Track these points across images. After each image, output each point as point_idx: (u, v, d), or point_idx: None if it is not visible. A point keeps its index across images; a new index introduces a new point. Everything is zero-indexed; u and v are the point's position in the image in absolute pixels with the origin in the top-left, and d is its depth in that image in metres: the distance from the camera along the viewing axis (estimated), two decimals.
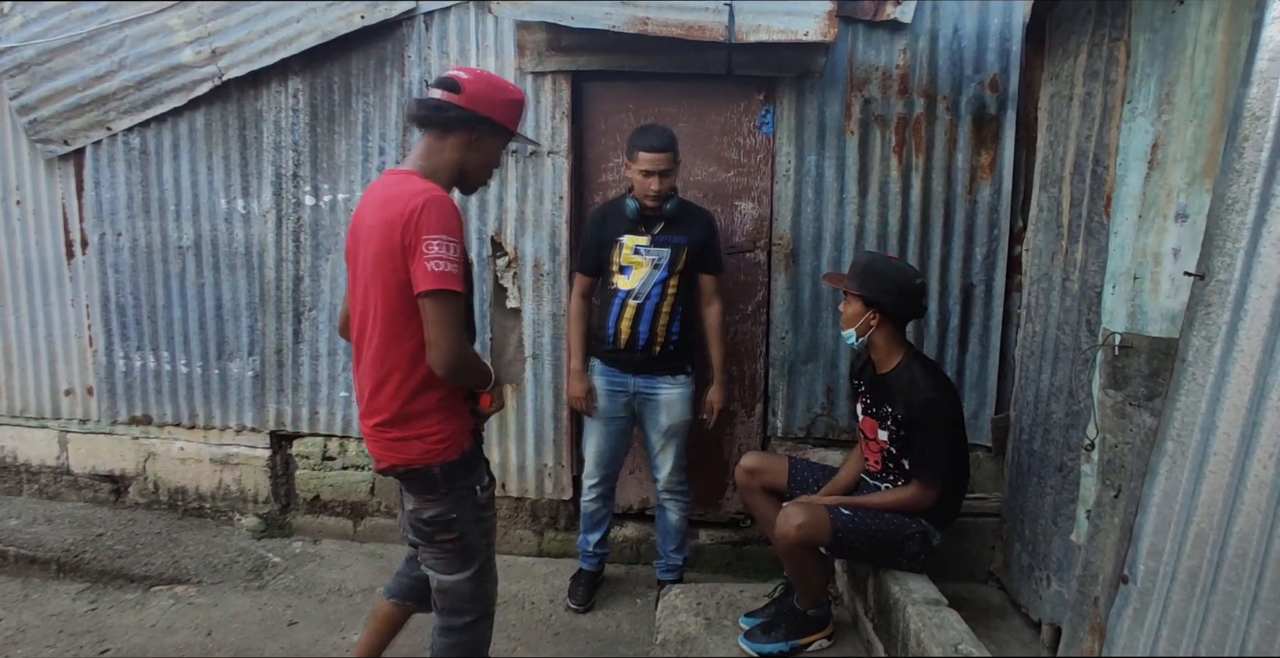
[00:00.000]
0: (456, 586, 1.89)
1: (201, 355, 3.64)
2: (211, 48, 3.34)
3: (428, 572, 1.93)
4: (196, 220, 3.56)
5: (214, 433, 3.70)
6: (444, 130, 1.77)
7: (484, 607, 1.96)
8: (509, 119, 1.84)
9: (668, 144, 2.73)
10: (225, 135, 3.49)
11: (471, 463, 1.86)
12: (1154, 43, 1.89)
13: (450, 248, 1.65)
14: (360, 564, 3.44)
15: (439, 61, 3.31)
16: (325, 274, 3.50)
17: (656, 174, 2.72)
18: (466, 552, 1.87)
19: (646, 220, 2.83)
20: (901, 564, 2.34)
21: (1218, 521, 1.49)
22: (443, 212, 1.66)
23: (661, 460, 2.96)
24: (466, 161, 1.81)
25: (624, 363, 2.88)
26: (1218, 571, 1.48)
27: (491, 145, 1.84)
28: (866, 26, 3.07)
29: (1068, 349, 2.30)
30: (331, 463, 3.64)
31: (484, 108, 1.77)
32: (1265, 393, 1.42)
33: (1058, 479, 2.31)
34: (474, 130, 1.78)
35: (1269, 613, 1.37)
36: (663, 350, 2.85)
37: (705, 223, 2.91)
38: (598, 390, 2.94)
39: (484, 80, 1.81)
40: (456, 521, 1.83)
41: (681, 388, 2.91)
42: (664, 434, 2.92)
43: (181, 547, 3.49)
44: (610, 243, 2.85)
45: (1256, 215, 1.46)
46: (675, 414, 2.90)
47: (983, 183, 3.08)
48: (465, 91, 1.75)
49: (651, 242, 2.82)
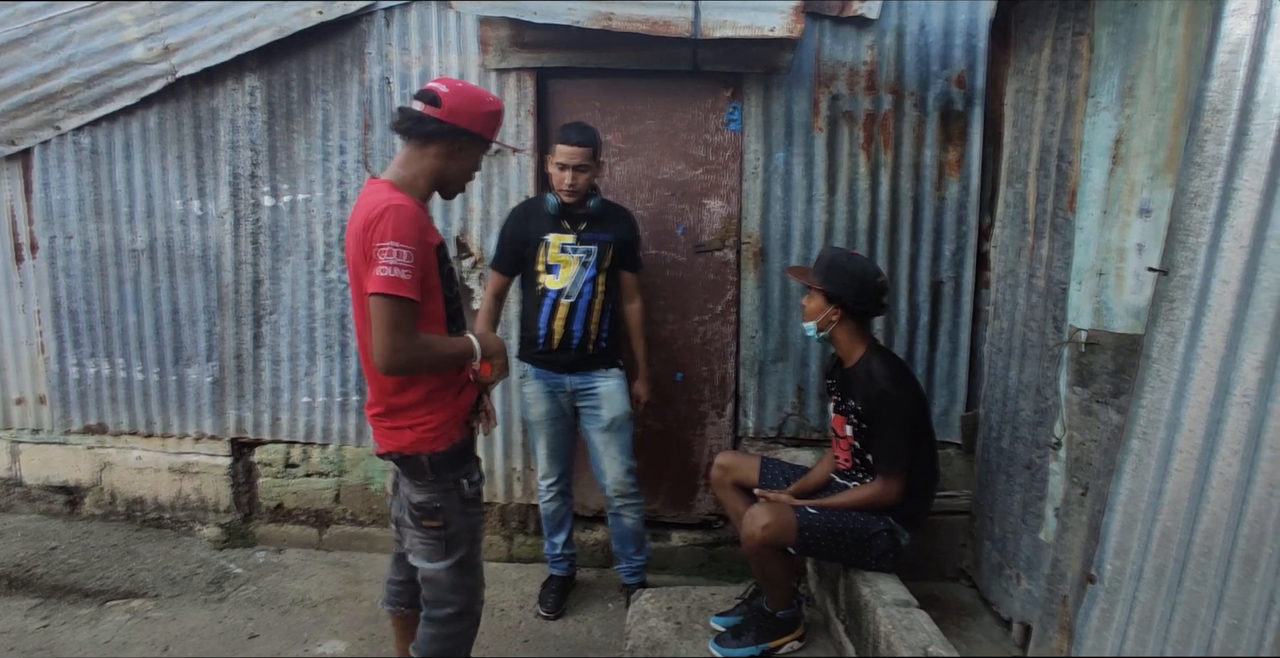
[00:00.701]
0: (438, 575, 1.97)
1: (158, 361, 3.53)
2: (164, 44, 3.24)
3: (414, 562, 2.00)
4: (150, 222, 3.45)
5: (172, 441, 3.59)
6: (424, 141, 1.86)
7: (466, 600, 2.01)
8: (488, 129, 1.91)
9: (585, 140, 2.68)
10: (180, 134, 3.39)
11: (460, 457, 1.95)
12: (1116, 36, 1.87)
13: (400, 255, 1.72)
14: (325, 574, 3.35)
15: (400, 58, 3.24)
16: (286, 277, 3.41)
17: (570, 168, 2.69)
18: (450, 541, 1.95)
19: (571, 218, 2.79)
20: (870, 564, 2.32)
21: (1183, 519, 1.47)
22: (399, 220, 1.73)
23: (608, 464, 2.89)
24: (446, 170, 1.90)
25: (558, 363, 2.84)
26: (1184, 569, 1.46)
27: (471, 155, 1.92)
28: (833, 22, 3.05)
29: (1035, 346, 2.29)
30: (295, 470, 3.55)
31: (463, 121, 1.84)
32: (1229, 389, 1.41)
33: (1026, 477, 2.29)
34: (454, 142, 1.86)
35: (1234, 612, 1.35)
36: (595, 347, 2.83)
37: (628, 221, 2.90)
38: (535, 395, 2.89)
39: (463, 93, 1.87)
40: (441, 509, 1.92)
41: (616, 379, 2.88)
42: (607, 430, 2.86)
43: (139, 559, 3.39)
44: (535, 242, 2.80)
45: (1218, 210, 1.45)
46: (616, 406, 2.86)
47: (950, 179, 3.07)
48: (445, 105, 1.83)
49: (578, 239, 2.78)
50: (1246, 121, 1.41)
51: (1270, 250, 1.35)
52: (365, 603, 3.10)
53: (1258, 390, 1.35)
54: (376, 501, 3.52)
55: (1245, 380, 1.37)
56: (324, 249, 3.38)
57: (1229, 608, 1.36)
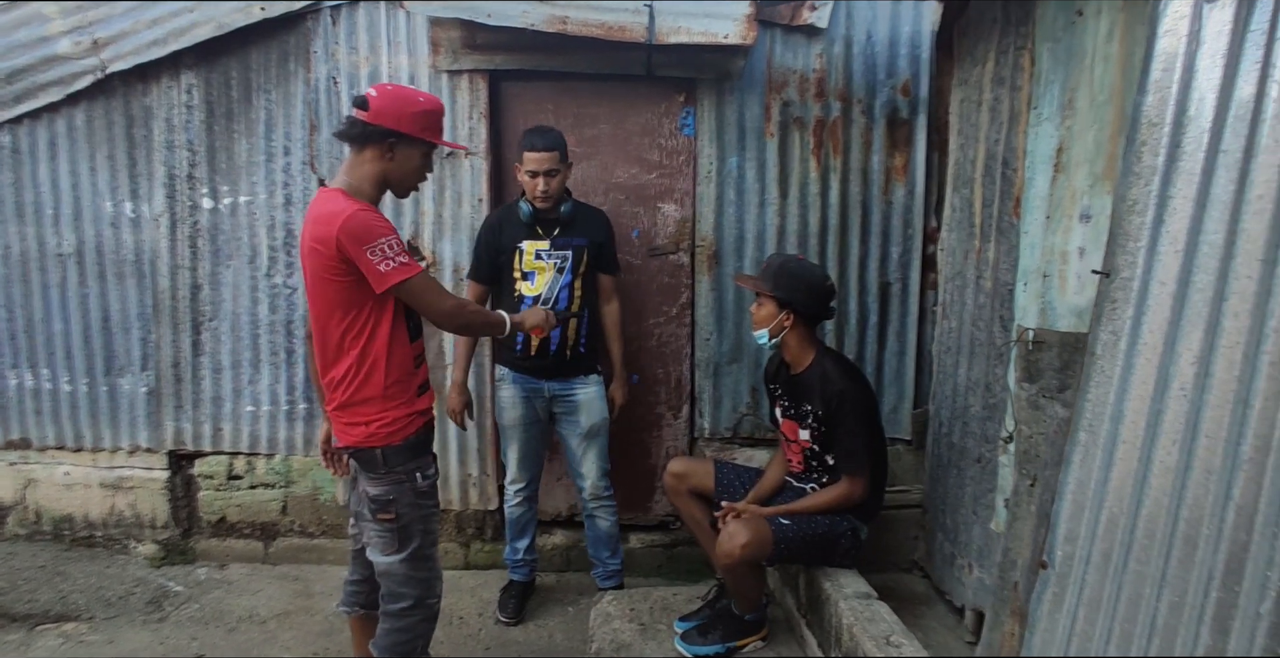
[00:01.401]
0: (393, 567, 2.01)
1: (87, 372, 3.35)
2: (93, 38, 3.08)
3: (370, 555, 2.05)
4: (78, 225, 3.28)
5: (104, 455, 3.42)
6: (360, 145, 1.92)
7: (420, 593, 2.05)
8: (420, 129, 1.94)
9: (551, 144, 2.67)
10: (110, 133, 3.23)
11: (414, 450, 2.00)
12: (1056, 51, 1.98)
13: (391, 246, 1.84)
14: (273, 588, 3.24)
15: (348, 58, 3.16)
16: (227, 282, 3.29)
17: (541, 174, 2.68)
18: (403, 533, 1.99)
19: (544, 224, 2.79)
20: (834, 562, 2.39)
21: (1127, 504, 1.57)
22: (368, 222, 1.83)
23: (585, 467, 2.92)
24: (387, 173, 1.95)
25: (536, 369, 2.83)
26: (1128, 552, 1.55)
27: (407, 156, 1.95)
28: (784, 31, 3.12)
29: (983, 345, 2.40)
30: (239, 482, 3.42)
31: (389, 122, 1.89)
32: (1167, 383, 1.50)
33: (976, 470, 2.40)
34: (383, 143, 1.90)
35: (1175, 590, 1.45)
36: (573, 353, 2.83)
37: (602, 223, 2.90)
38: (510, 400, 2.88)
39: (390, 95, 1.91)
40: (394, 502, 1.97)
41: (595, 387, 2.89)
42: (585, 437, 2.88)
43: (69, 580, 3.21)
44: (509, 250, 2.79)
45: (1155, 216, 1.55)
46: (595, 413, 2.87)
47: (897, 184, 3.18)
48: (372, 108, 1.88)
49: (552, 245, 2.78)
50: (1180, 134, 1.51)
51: (1203, 254, 1.45)
52: (318, 617, 3.02)
53: (1194, 384, 1.45)
54: (326, 511, 3.42)
55: (1183, 375, 1.47)
56: (268, 253, 3.27)
57: (1171, 586, 1.46)
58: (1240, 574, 1.34)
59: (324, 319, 1.94)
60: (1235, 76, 1.41)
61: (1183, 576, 1.45)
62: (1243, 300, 1.37)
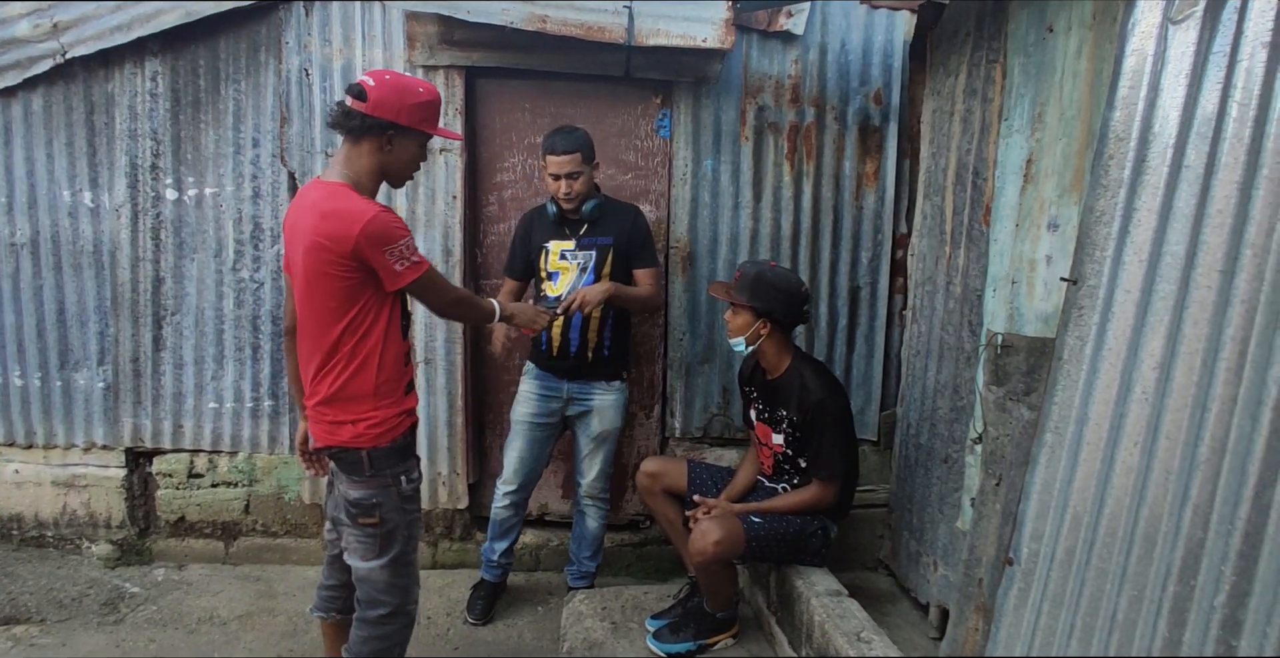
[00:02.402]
0: (373, 573, 1.97)
1: (40, 366, 3.24)
2: (53, 21, 2.98)
3: (349, 560, 2.00)
4: (33, 214, 3.17)
5: (56, 452, 3.31)
6: (356, 137, 1.87)
7: (399, 600, 2.01)
8: (418, 121, 1.90)
9: (572, 146, 2.67)
10: (69, 119, 3.13)
11: (401, 453, 1.97)
12: (1027, 66, 2.05)
13: (406, 248, 1.86)
14: (234, 589, 3.18)
15: (321, 50, 3.11)
16: (191, 275, 3.21)
17: (564, 177, 2.68)
18: (386, 538, 1.95)
19: (569, 223, 2.79)
20: (805, 560, 2.43)
21: (1091, 504, 1.63)
22: (389, 227, 1.83)
23: (588, 466, 2.93)
24: (384, 164, 1.91)
25: (558, 369, 2.83)
26: (1091, 549, 1.62)
27: (405, 147, 1.92)
28: (761, 36, 3.16)
29: (951, 349, 2.46)
30: (199, 481, 3.34)
31: (389, 113, 1.84)
32: (1130, 387, 1.57)
33: (943, 470, 2.47)
34: (383, 135, 1.86)
35: (1135, 585, 1.51)
36: (596, 356, 2.81)
37: (629, 220, 2.84)
38: (528, 394, 2.88)
39: (389, 86, 1.86)
40: (379, 506, 1.93)
41: (615, 394, 2.89)
42: (594, 440, 2.89)
43: (19, 581, 3.10)
44: (537, 250, 2.81)
45: (1121, 227, 1.62)
46: (607, 421, 2.88)
47: (868, 190, 3.25)
48: (370, 99, 1.82)
49: (577, 245, 2.78)
50: (1145, 149, 1.58)
51: (1166, 264, 1.52)
52: (280, 618, 2.97)
53: (1155, 388, 1.51)
54: (291, 510, 3.36)
55: (1145, 379, 1.54)
56: (234, 247, 3.20)
57: (1131, 582, 1.52)
58: (1196, 570, 1.41)
59: (317, 313, 1.89)
60: (1198, 95, 1.48)
61: (1142, 571, 1.51)
62: (1202, 309, 1.44)
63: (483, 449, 3.44)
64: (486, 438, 3.43)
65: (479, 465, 3.43)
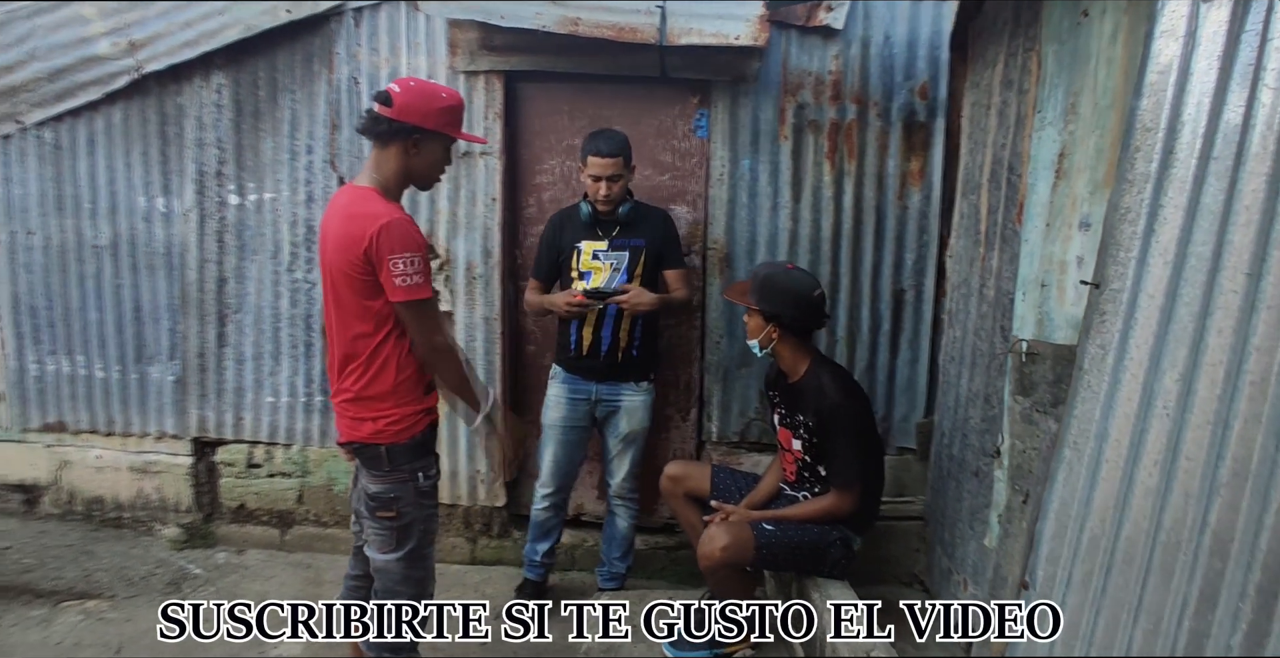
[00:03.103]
0: (389, 565, 2.03)
1: (119, 359, 3.50)
2: (129, 40, 3.21)
3: (368, 552, 2.07)
4: (114, 219, 3.42)
5: (133, 440, 3.56)
6: (384, 142, 1.94)
7: (413, 593, 2.07)
8: (443, 124, 1.96)
9: (615, 150, 2.70)
10: (145, 131, 3.37)
11: (419, 450, 2.01)
12: (1061, 54, 1.92)
13: (414, 263, 1.87)
14: (286, 575, 3.33)
15: (369, 59, 3.23)
16: (251, 276, 3.40)
17: (604, 179, 2.70)
18: (403, 532, 2.01)
19: (602, 225, 2.81)
20: (824, 571, 2.35)
21: (1109, 526, 1.51)
22: (400, 233, 1.86)
23: (617, 466, 2.94)
24: (411, 168, 1.97)
25: (587, 370, 2.85)
26: (1108, 575, 1.49)
27: (431, 150, 1.98)
28: (800, 32, 3.08)
29: (984, 355, 2.33)
30: (257, 470, 3.53)
31: (414, 118, 1.90)
32: (1152, 401, 1.44)
33: (974, 484, 2.33)
34: (409, 139, 1.92)
35: (1151, 617, 1.39)
36: (625, 356, 2.83)
37: (661, 223, 2.88)
38: (557, 399, 2.91)
39: (414, 91, 1.92)
40: (396, 500, 1.99)
41: (644, 395, 2.90)
42: (623, 440, 2.90)
43: (95, 559, 3.35)
44: (568, 250, 2.83)
45: (1146, 225, 1.49)
46: (636, 421, 2.88)
47: (913, 189, 3.11)
48: (395, 104, 1.89)
49: (610, 246, 2.80)
50: (1173, 140, 1.45)
51: (1191, 266, 1.38)
52: None
53: (1177, 403, 1.38)
54: (340, 502, 3.50)
55: (1166, 392, 1.41)
56: (289, 249, 3.37)
57: (1147, 613, 1.40)
58: (1214, 604, 1.28)
59: (342, 314, 1.96)
60: (1229, 80, 1.35)
61: (1158, 603, 1.39)
62: (1227, 315, 1.31)
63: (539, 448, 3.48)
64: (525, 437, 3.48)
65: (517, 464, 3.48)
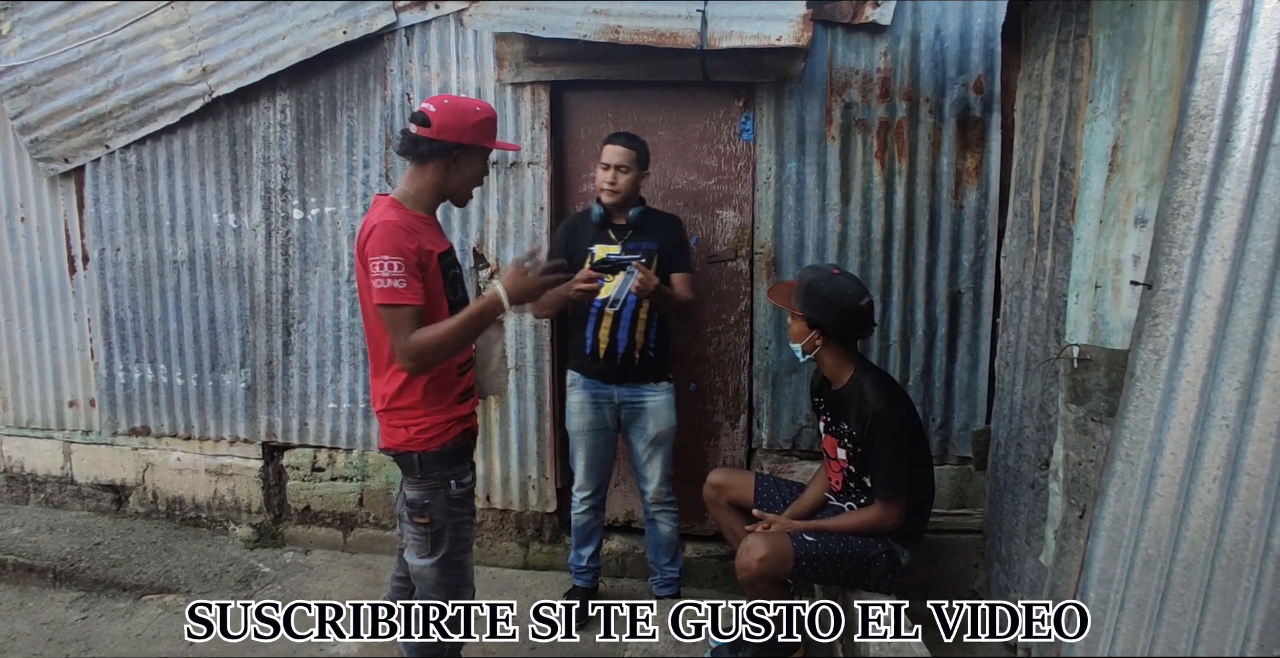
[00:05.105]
0: (424, 570, 2.06)
1: (196, 367, 3.70)
2: (202, 66, 3.41)
3: (406, 557, 2.12)
4: (190, 235, 3.63)
5: (209, 444, 3.76)
6: (423, 161, 1.97)
7: (448, 599, 2.08)
8: (480, 138, 2.00)
9: (630, 143, 2.74)
10: (217, 151, 3.56)
11: (451, 458, 2.04)
12: (1113, 38, 1.79)
13: (390, 266, 1.86)
14: (348, 575, 3.45)
15: (420, 75, 3.33)
16: (314, 287, 3.54)
17: (613, 168, 2.73)
18: (436, 538, 2.04)
19: (615, 228, 2.82)
20: (869, 585, 2.26)
21: (1165, 547, 1.39)
22: (385, 236, 1.87)
23: (649, 471, 2.93)
24: (447, 183, 2.01)
25: (605, 374, 2.86)
26: (1164, 600, 1.38)
27: (470, 165, 2.02)
28: (845, 29, 3.00)
29: (1038, 360, 2.20)
30: (321, 474, 3.66)
31: (452, 136, 1.94)
32: (1210, 411, 1.33)
33: (1030, 497, 2.20)
34: (448, 156, 1.96)
35: (1210, 647, 1.27)
36: (642, 357, 2.83)
37: (673, 227, 2.90)
38: (580, 406, 2.92)
39: (449, 110, 1.95)
40: (429, 507, 2.02)
41: (665, 394, 2.89)
42: (651, 443, 2.89)
43: (175, 556, 3.55)
44: (581, 254, 2.84)
45: (1202, 220, 1.37)
46: (662, 421, 2.87)
47: (969, 187, 2.98)
48: (434, 124, 1.93)
49: (623, 249, 2.80)
50: (1230, 127, 1.33)
51: (1250, 263, 1.27)
52: None
53: (1237, 413, 1.27)
54: None
55: (1225, 402, 1.29)
56: (349, 260, 3.49)
57: (1206, 644, 1.28)
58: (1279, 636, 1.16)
59: (370, 324, 2.01)
60: None
61: (1219, 633, 1.27)
62: None
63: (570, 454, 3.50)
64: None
65: (567, 470, 3.49)
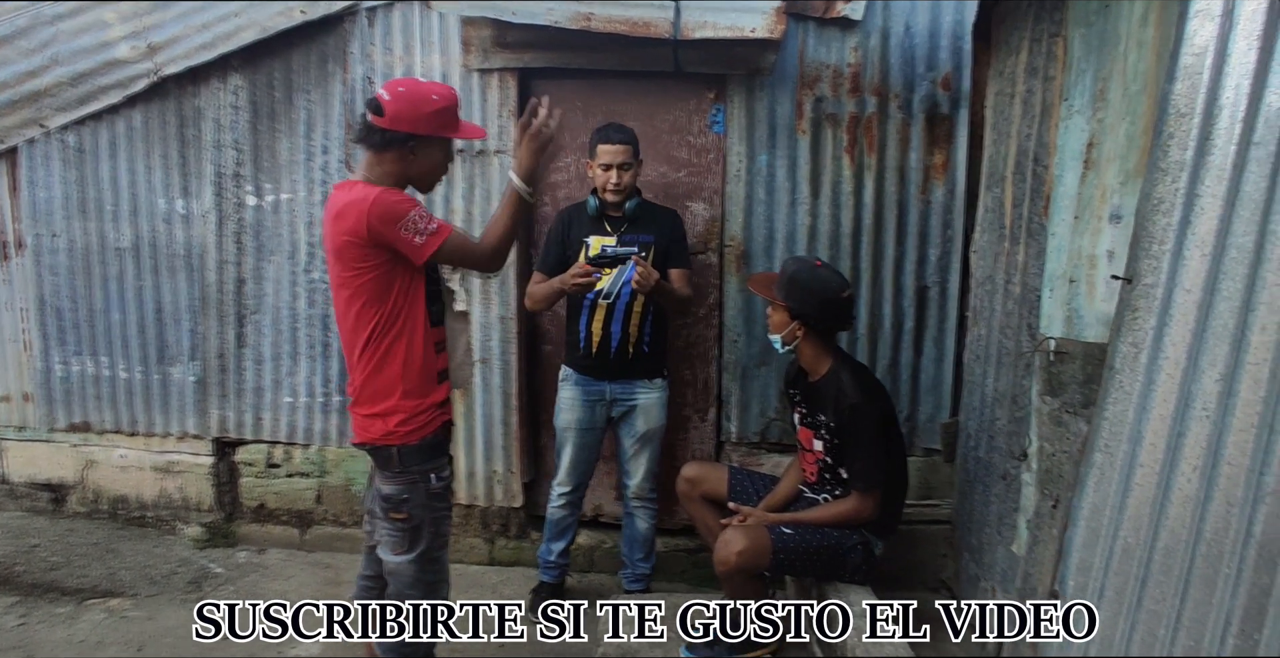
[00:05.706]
0: (401, 567, 2.00)
1: (142, 360, 3.53)
2: (148, 43, 3.24)
3: (380, 553, 2.05)
4: (135, 221, 3.45)
5: (155, 440, 3.59)
6: (379, 150, 1.91)
7: (423, 596, 2.04)
8: (437, 127, 1.92)
9: (626, 137, 2.69)
10: (164, 133, 3.39)
11: (430, 451, 1.99)
12: (1089, 38, 1.83)
13: (417, 220, 1.85)
14: (305, 574, 3.34)
15: (383, 58, 3.22)
16: (269, 277, 3.40)
17: (615, 167, 2.68)
18: (414, 534, 1.98)
19: (612, 220, 2.78)
20: (844, 576, 2.28)
21: (1144, 535, 1.43)
22: (390, 205, 1.83)
23: (634, 467, 2.90)
24: (408, 171, 1.94)
25: (598, 369, 2.81)
26: (1143, 588, 1.41)
27: (428, 155, 1.95)
28: (817, 24, 3.01)
29: (1010, 354, 2.24)
30: (276, 470, 3.54)
31: (406, 126, 1.87)
32: (1190, 402, 1.36)
33: (1001, 488, 2.25)
34: (403, 147, 1.90)
35: (1191, 634, 1.31)
36: (636, 351, 2.79)
37: (670, 220, 2.86)
38: (570, 402, 2.87)
39: (404, 98, 1.88)
40: (407, 502, 1.96)
41: (659, 392, 2.86)
42: (639, 440, 2.86)
43: (119, 558, 3.39)
44: (577, 245, 2.80)
45: (1182, 216, 1.41)
46: (653, 419, 2.85)
47: (936, 183, 3.02)
48: (387, 113, 1.86)
49: (619, 241, 2.76)
50: (1210, 125, 1.37)
51: (1231, 258, 1.30)
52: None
53: (1217, 404, 1.30)
54: (358, 502, 3.50)
55: (1206, 393, 1.33)
56: (306, 249, 3.37)
57: (1186, 630, 1.32)
58: (1260, 621, 1.20)
59: (344, 311, 1.95)
60: (1270, 60, 1.26)
61: (1199, 619, 1.31)
62: (1271, 311, 1.23)
63: (537, 448, 3.45)
64: (541, 437, 3.45)
65: (534, 464, 3.45)
